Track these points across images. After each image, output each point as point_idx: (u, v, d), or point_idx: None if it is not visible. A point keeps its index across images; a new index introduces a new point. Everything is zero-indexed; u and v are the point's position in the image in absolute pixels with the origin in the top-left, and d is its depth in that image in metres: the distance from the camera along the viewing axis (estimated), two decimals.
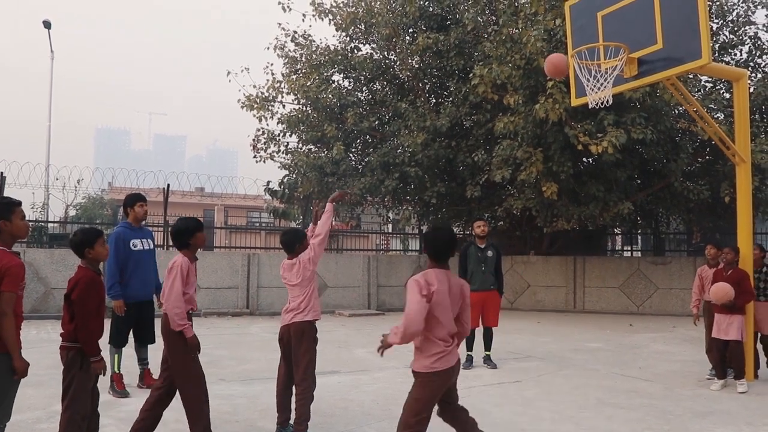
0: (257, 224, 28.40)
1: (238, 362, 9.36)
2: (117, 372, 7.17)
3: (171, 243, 17.52)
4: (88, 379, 4.51)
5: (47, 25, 27.45)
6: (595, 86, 7.18)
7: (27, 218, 4.51)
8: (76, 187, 23.72)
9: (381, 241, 27.46)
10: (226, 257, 16.60)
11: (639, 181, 17.59)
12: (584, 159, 16.46)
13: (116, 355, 7.20)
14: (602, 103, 7.29)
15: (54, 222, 22.85)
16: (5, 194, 14.41)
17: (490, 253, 9.32)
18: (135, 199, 7.42)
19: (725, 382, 7.80)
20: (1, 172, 15.54)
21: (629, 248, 23.62)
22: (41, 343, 10.39)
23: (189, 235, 5.12)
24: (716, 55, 15.91)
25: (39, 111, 28.17)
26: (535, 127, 14.09)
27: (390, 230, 25.62)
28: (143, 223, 7.57)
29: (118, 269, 7.12)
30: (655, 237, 21.19)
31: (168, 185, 16.96)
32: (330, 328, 13.43)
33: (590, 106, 7.65)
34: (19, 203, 4.33)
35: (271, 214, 23.79)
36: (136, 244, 7.24)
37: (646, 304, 17.46)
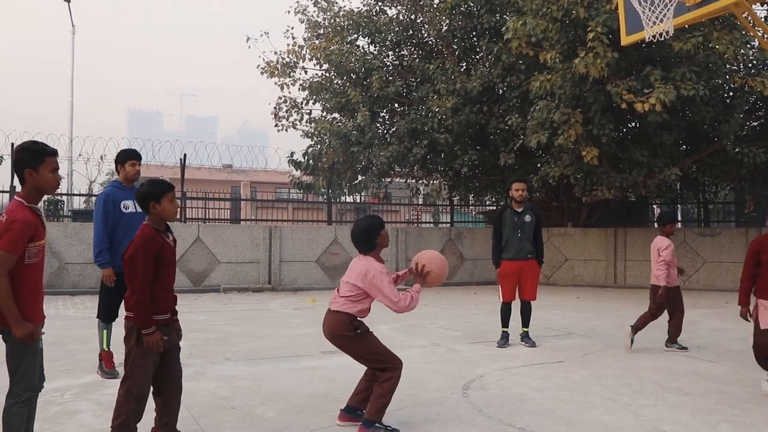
0: (284, 198, 27.65)
1: (249, 339, 8.54)
2: (106, 350, 6.35)
3: (186, 216, 16.98)
4: (144, 354, 3.93)
5: None
6: (650, 17, 6.12)
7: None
8: (99, 163, 23.18)
9: (411, 214, 26.60)
10: (247, 230, 15.80)
11: (685, 146, 16.39)
12: (627, 121, 15.31)
13: (105, 331, 6.39)
14: (663, 36, 6.20)
15: (74, 195, 22.32)
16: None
17: (528, 218, 8.30)
18: (127, 155, 6.52)
19: None
20: (12, 143, 14.84)
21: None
22: (50, 319, 9.63)
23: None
24: None
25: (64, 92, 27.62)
26: (573, 85, 13.00)
27: (421, 202, 24.70)
28: (135, 183, 6.66)
29: (107, 234, 6.26)
30: (704, 207, 19.89)
31: (185, 155, 16.16)
32: None
33: (647, 39, 6.56)
34: (54, 152, 3.75)
35: (296, 187, 22.98)
36: (128, 205, 6.34)
37: (693, 278, 16.29)
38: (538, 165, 16.49)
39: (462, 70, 16.89)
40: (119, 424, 3.87)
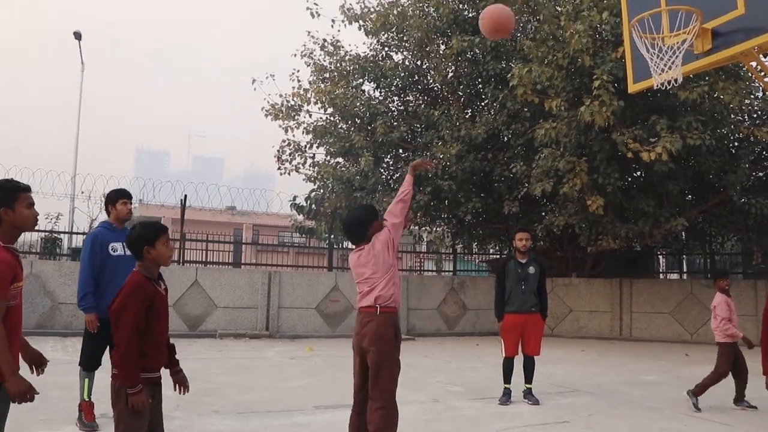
0: (285, 242, 27.46)
1: (241, 391, 8.21)
2: (87, 400, 6.04)
3: (184, 258, 16.72)
4: (136, 418, 3.55)
5: (78, 36, 26.99)
6: (658, 65, 5.94)
7: (41, 228, 3.63)
8: (101, 200, 23.04)
9: (414, 262, 26.30)
10: (246, 275, 15.55)
11: (691, 196, 16.19)
12: (633, 170, 15.15)
13: (86, 380, 6.09)
14: (671, 84, 6.02)
15: (74, 233, 22.11)
16: None
17: (532, 270, 8.02)
18: (118, 194, 6.29)
19: None
20: (12, 179, 14.71)
21: (677, 271, 22.03)
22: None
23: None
24: None
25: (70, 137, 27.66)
26: (579, 134, 12.87)
27: (424, 249, 24.43)
28: (126, 224, 6.42)
29: (93, 276, 6.01)
30: (710, 258, 19.60)
31: (185, 196, 16.00)
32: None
33: (655, 87, 6.38)
34: (27, 188, 3.59)
35: (298, 232, 22.73)
36: (116, 248, 6.09)
37: (701, 331, 15.90)
38: (543, 213, 16.27)
39: (467, 116, 16.81)
40: None
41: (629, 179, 15.51)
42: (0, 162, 17.26)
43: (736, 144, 15.02)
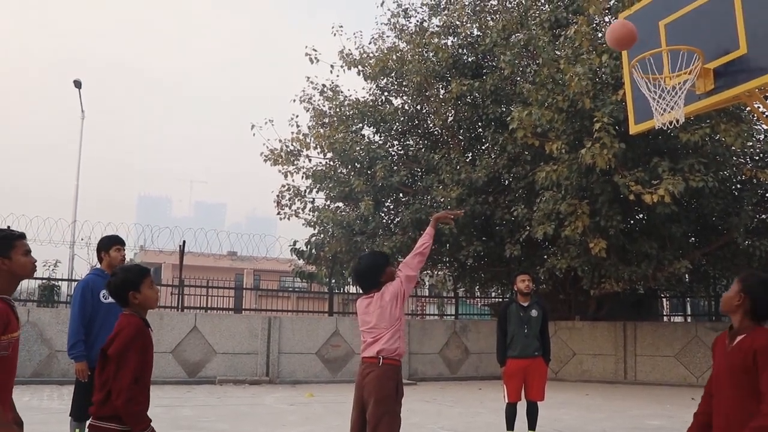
0: (287, 287, 27.29)
1: None
2: None
3: (184, 304, 16.57)
4: None
5: (78, 84, 27.21)
6: (660, 105, 5.91)
7: (39, 276, 3.61)
8: None
9: (416, 306, 26.11)
10: (246, 320, 15.39)
11: (694, 239, 16.09)
12: (635, 213, 15.08)
13: (77, 430, 5.94)
14: (674, 124, 5.98)
15: (73, 280, 21.95)
16: None
17: (534, 313, 7.90)
18: (111, 241, 6.23)
19: None
20: (8, 226, 14.60)
21: (681, 313, 21.81)
22: (31, 412, 9.14)
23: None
24: None
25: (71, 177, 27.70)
26: (580, 176, 12.83)
27: (426, 293, 24.28)
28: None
29: (83, 325, 5.91)
30: (715, 300, 19.41)
31: (184, 242, 15.92)
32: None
33: (656, 127, 6.35)
34: (22, 236, 3.58)
35: (298, 277, 22.63)
36: (108, 295, 5.98)
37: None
38: (545, 256, 16.15)
39: (467, 160, 16.81)
40: None
41: (631, 222, 15.45)
42: None
43: (738, 186, 14.99)
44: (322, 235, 18.74)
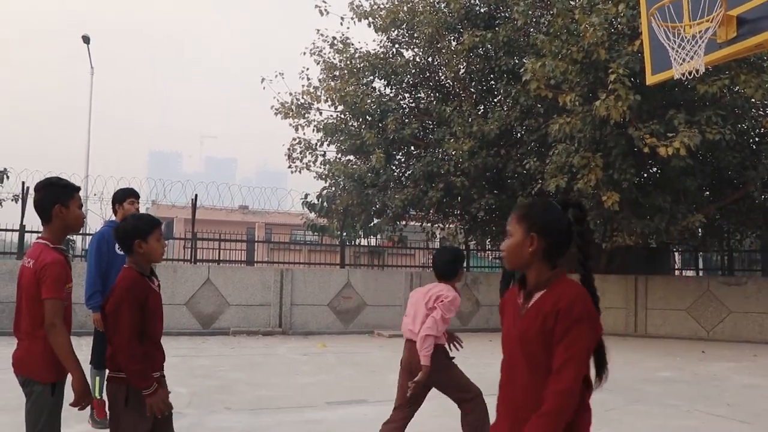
0: (298, 240, 27.35)
1: (253, 388, 8.13)
2: (98, 397, 6.00)
3: (197, 257, 16.66)
4: (138, 421, 3.37)
5: (86, 40, 27.04)
6: (680, 55, 5.79)
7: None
8: None
9: (427, 259, 26.18)
10: (258, 273, 15.48)
11: (708, 192, 15.95)
12: (649, 166, 14.92)
13: (97, 378, 6.05)
14: (693, 75, 5.85)
15: (87, 234, 22.10)
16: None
17: None
18: (125, 194, 6.27)
19: None
20: (24, 182, 14.66)
21: (693, 268, 21.76)
22: None
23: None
24: None
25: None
26: (594, 129, 12.67)
27: (437, 246, 24.29)
28: None
29: (100, 276, 5.99)
30: (728, 255, 19.35)
31: (196, 195, 15.94)
32: (366, 350, 12.18)
33: (675, 78, 6.22)
34: (79, 188, 3.62)
35: (310, 230, 22.70)
36: None
37: (717, 328, 15.71)
38: None
39: (479, 112, 16.65)
40: None
41: (645, 175, 15.28)
42: (11, 166, 17.22)
43: (757, 139, 14.72)
44: (333, 188, 18.74)
